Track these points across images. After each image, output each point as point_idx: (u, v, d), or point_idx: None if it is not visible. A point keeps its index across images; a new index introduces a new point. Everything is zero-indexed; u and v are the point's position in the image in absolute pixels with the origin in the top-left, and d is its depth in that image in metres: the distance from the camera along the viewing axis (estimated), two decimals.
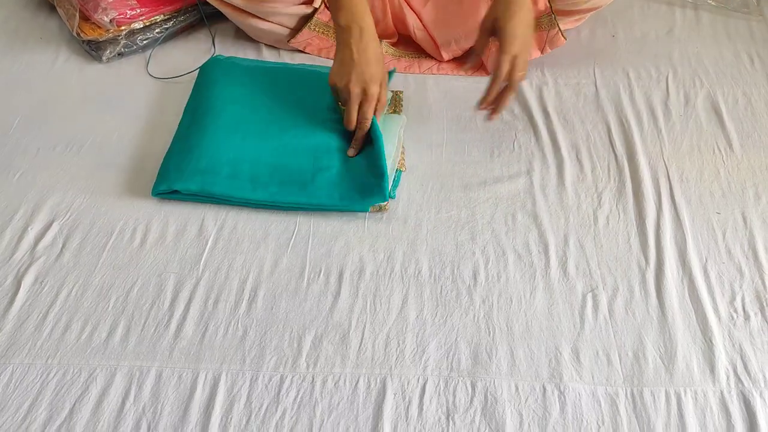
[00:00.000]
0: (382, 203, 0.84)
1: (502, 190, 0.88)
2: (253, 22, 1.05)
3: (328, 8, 1.03)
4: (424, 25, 1.07)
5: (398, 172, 0.89)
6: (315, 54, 1.08)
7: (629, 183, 0.88)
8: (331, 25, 1.07)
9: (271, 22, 1.05)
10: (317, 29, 1.06)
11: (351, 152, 0.87)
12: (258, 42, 1.10)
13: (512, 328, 0.73)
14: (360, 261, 0.80)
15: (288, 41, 1.07)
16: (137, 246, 0.81)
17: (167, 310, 0.75)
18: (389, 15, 1.08)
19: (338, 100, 0.89)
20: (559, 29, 1.02)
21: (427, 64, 1.08)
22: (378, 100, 0.87)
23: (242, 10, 1.04)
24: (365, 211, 0.84)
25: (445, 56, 1.07)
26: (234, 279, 0.78)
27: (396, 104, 0.98)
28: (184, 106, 0.96)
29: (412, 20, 1.07)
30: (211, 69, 1.00)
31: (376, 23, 1.08)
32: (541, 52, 1.05)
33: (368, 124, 0.86)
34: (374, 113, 0.87)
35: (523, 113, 0.99)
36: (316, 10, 1.04)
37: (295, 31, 1.06)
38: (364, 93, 0.85)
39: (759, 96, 1.01)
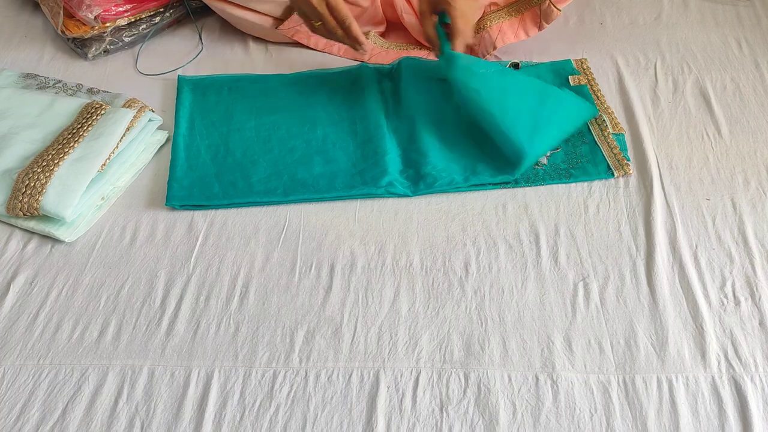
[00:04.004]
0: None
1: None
2: (237, 12, 1.04)
3: None
4: (412, 8, 1.06)
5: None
6: (304, 42, 1.07)
7: None
8: None
9: (256, 11, 1.04)
10: None
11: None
12: (245, 35, 1.10)
13: (504, 318, 0.73)
14: (351, 254, 0.80)
15: (276, 28, 1.06)
16: (127, 244, 0.81)
17: (158, 307, 0.75)
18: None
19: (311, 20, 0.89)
20: (551, 1, 1.00)
21: (417, 54, 1.07)
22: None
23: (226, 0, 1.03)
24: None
25: None
26: (225, 275, 0.78)
27: None
28: (180, 110, 0.95)
29: (400, 3, 1.07)
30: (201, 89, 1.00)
31: (365, 10, 1.07)
32: (539, 29, 1.02)
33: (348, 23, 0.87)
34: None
35: None
36: None
37: (282, 20, 1.06)
38: None
39: (747, 81, 1.01)
